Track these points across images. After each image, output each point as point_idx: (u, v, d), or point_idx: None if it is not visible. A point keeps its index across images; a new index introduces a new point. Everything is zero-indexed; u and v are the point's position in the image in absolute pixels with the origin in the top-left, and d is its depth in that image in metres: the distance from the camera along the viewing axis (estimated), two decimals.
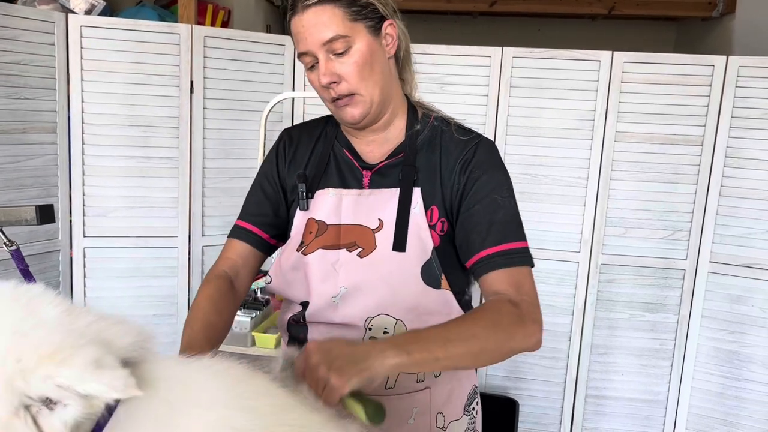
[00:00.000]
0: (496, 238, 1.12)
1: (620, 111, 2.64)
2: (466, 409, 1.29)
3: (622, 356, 2.82)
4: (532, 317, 1.07)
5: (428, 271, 1.15)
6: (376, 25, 1.14)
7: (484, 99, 2.69)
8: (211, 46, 2.58)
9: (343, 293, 1.16)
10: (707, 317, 2.71)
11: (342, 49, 1.11)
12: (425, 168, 1.19)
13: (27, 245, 2.41)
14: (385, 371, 0.92)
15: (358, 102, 1.15)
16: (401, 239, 1.15)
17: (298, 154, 1.27)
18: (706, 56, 2.61)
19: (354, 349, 0.94)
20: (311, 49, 1.11)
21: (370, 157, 1.23)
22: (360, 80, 1.13)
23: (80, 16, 2.52)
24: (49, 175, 2.46)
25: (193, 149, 2.60)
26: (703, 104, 2.61)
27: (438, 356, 0.96)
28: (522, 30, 5.15)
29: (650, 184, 2.68)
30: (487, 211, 1.14)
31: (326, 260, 1.17)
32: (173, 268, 2.65)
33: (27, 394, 0.64)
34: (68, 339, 0.68)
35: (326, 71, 1.12)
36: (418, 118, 1.24)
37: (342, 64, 1.12)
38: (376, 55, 1.14)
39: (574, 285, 2.77)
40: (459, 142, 1.20)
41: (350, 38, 1.10)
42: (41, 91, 2.40)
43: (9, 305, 0.70)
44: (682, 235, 2.70)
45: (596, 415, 2.87)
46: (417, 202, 1.16)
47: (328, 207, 1.20)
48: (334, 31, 1.09)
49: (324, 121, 1.31)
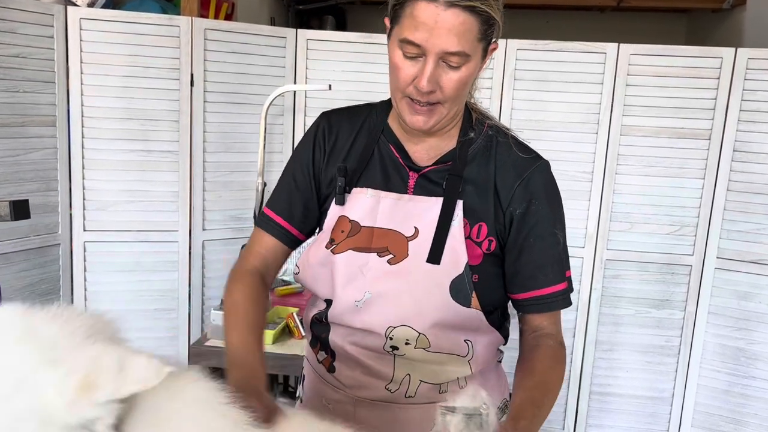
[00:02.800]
0: (555, 277, 1.15)
1: (626, 104, 2.59)
2: None
3: (627, 353, 2.78)
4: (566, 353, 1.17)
5: (458, 286, 1.10)
6: (488, 47, 1.07)
7: (487, 92, 2.65)
8: (212, 38, 2.56)
9: (367, 299, 1.11)
10: (714, 314, 2.67)
11: (456, 65, 1.02)
12: (476, 180, 1.13)
13: (28, 239, 2.41)
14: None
15: (435, 113, 1.07)
16: (437, 252, 1.10)
17: (338, 143, 1.19)
18: (714, 48, 2.56)
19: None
20: (428, 49, 1.00)
21: (419, 159, 1.16)
22: (455, 97, 1.06)
23: (80, 9, 2.50)
24: (48, 168, 2.45)
25: (193, 143, 2.58)
26: (711, 97, 2.56)
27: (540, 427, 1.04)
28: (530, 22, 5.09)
29: (656, 179, 2.63)
30: (549, 247, 1.14)
31: (355, 263, 1.12)
32: (174, 262, 2.63)
33: (71, 424, 0.66)
34: (85, 354, 0.69)
35: (432, 78, 1.02)
36: (472, 124, 1.17)
37: (447, 76, 1.03)
38: (471, 79, 1.08)
39: (579, 281, 2.73)
40: (518, 160, 1.13)
41: (469, 58, 1.02)
42: (40, 84, 2.38)
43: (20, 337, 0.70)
44: (688, 230, 2.66)
45: (601, 412, 2.84)
46: (458, 214, 1.11)
47: (364, 208, 1.14)
48: (462, 46, 0.99)
49: (367, 110, 1.22)
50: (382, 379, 1.14)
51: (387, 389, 1.14)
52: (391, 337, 1.11)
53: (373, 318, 1.11)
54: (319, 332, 1.20)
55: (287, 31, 2.72)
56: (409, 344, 1.11)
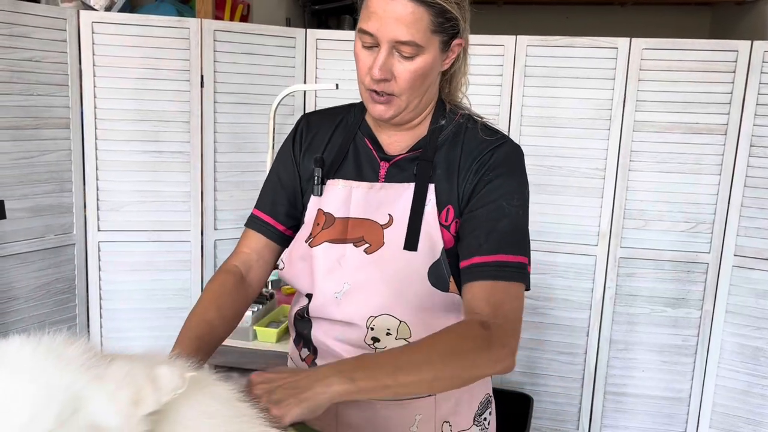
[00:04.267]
0: (492, 246, 1.06)
1: (639, 100, 2.55)
2: (476, 419, 1.23)
3: (642, 352, 2.74)
4: (502, 341, 0.99)
5: (436, 272, 1.10)
6: (449, 41, 1.09)
7: (497, 89, 2.63)
8: (221, 39, 2.58)
9: (346, 290, 1.11)
10: (731, 312, 2.61)
11: (409, 55, 1.05)
12: (444, 165, 1.14)
13: (44, 239, 2.46)
14: (328, 399, 0.89)
15: (393, 104, 1.10)
16: (413, 238, 1.10)
17: (317, 139, 1.23)
18: (730, 41, 2.50)
19: (297, 377, 0.91)
20: (380, 38, 1.04)
21: (391, 149, 1.18)
22: (409, 88, 1.08)
23: (92, 13, 2.54)
24: (62, 170, 2.49)
25: (204, 143, 2.61)
26: (726, 91, 2.50)
27: (387, 384, 0.92)
28: (548, 18, 5.04)
29: (671, 175, 2.59)
30: (490, 216, 1.08)
31: (332, 254, 1.13)
32: (186, 261, 2.67)
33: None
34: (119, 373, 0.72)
35: (383, 66, 1.05)
36: (443, 114, 1.18)
37: (401, 67, 1.06)
38: (433, 69, 1.09)
39: (592, 279, 2.70)
40: (482, 142, 1.14)
41: (422, 48, 1.04)
42: (54, 87, 2.43)
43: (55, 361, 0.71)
44: (704, 227, 2.60)
45: (616, 413, 2.80)
46: (430, 199, 1.11)
47: (338, 199, 1.16)
48: (412, 36, 1.02)
49: (347, 109, 1.27)
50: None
51: None
52: (372, 327, 1.11)
53: (353, 309, 1.11)
54: (302, 329, 1.21)
55: (297, 32, 2.73)
56: (390, 334, 1.11)
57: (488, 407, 1.27)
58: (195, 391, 0.78)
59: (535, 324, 2.76)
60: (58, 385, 0.67)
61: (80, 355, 0.72)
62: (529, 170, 1.18)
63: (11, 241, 2.36)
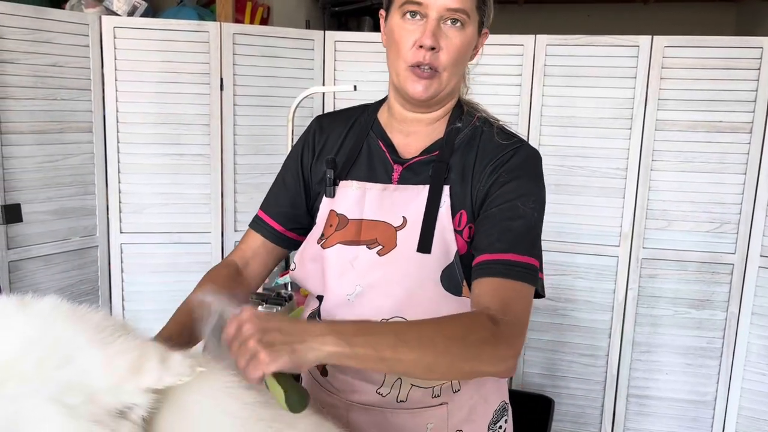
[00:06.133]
0: (504, 245, 1.03)
1: (661, 98, 2.51)
2: (491, 427, 1.21)
3: (666, 354, 2.70)
4: (508, 341, 0.94)
5: (449, 276, 1.08)
6: (481, 26, 1.12)
7: (517, 89, 2.61)
8: (240, 43, 2.60)
9: (358, 292, 1.10)
10: (758, 314, 2.56)
11: (459, 23, 1.07)
12: (458, 168, 1.12)
13: (67, 241, 2.50)
14: (318, 358, 0.82)
15: (435, 81, 1.09)
16: (427, 240, 1.08)
17: (329, 142, 1.22)
18: (754, 38, 2.46)
19: (293, 326, 0.84)
20: (428, 4, 1.05)
21: (405, 152, 1.17)
22: (453, 63, 1.08)
23: (114, 18, 2.58)
24: (86, 173, 2.53)
25: (224, 146, 2.63)
26: (751, 89, 2.46)
27: (384, 356, 0.85)
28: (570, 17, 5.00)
29: (694, 174, 2.54)
30: (504, 216, 1.05)
31: (344, 256, 1.12)
32: (207, 263, 2.68)
33: (115, 406, 0.69)
34: (129, 343, 0.72)
35: (433, 34, 1.05)
36: (461, 116, 1.18)
37: (450, 37, 1.07)
38: (468, 50, 1.11)
39: (614, 280, 2.66)
40: (497, 146, 1.12)
41: (468, 21, 1.07)
42: (77, 91, 2.47)
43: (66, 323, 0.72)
44: (729, 227, 2.56)
45: (639, 416, 2.76)
46: (445, 201, 1.10)
47: (351, 201, 1.15)
48: (463, 3, 1.05)
49: (360, 110, 1.26)
50: (373, 383, 1.12)
51: (378, 393, 1.12)
52: None
53: (365, 311, 1.09)
54: None
55: (315, 34, 2.74)
56: None
57: (504, 415, 1.24)
58: (215, 389, 0.78)
59: (556, 326, 2.74)
60: (55, 335, 0.69)
61: (96, 320, 0.73)
62: (550, 170, 1.16)
63: (36, 244, 2.40)
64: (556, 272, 2.68)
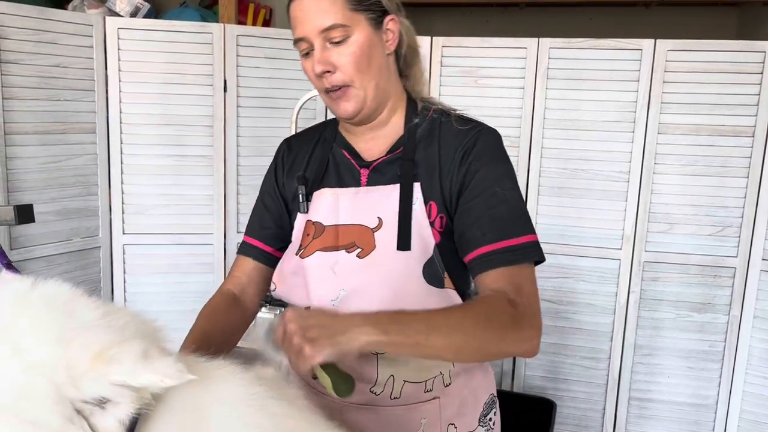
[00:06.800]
0: (497, 234, 1.06)
1: (663, 102, 2.52)
2: (481, 420, 1.24)
3: (667, 358, 2.70)
4: (530, 321, 1.01)
5: (430, 269, 1.10)
6: (378, 18, 1.12)
7: (520, 92, 2.62)
8: (244, 44, 2.60)
9: (342, 296, 1.12)
10: (759, 318, 2.56)
11: (340, 38, 1.08)
12: (424, 162, 1.14)
13: (70, 242, 2.50)
14: (358, 346, 0.90)
15: (351, 96, 1.12)
16: (405, 237, 1.10)
17: (297, 160, 1.26)
18: (757, 42, 2.46)
19: (332, 320, 0.92)
20: (308, 36, 1.09)
21: (368, 155, 1.20)
22: (356, 72, 1.10)
23: (118, 19, 2.58)
24: (89, 174, 2.53)
25: (227, 147, 2.63)
26: (754, 93, 2.46)
27: (417, 342, 0.93)
28: (571, 20, 5.00)
29: (697, 178, 2.55)
30: (488, 205, 1.08)
31: (325, 262, 1.14)
32: (209, 264, 2.69)
33: (81, 399, 0.64)
34: (112, 336, 0.68)
35: (321, 59, 1.09)
36: (417, 112, 1.20)
37: (339, 54, 1.09)
38: (374, 49, 1.11)
39: (616, 283, 2.66)
40: (459, 133, 1.14)
41: (349, 28, 1.08)
42: (81, 92, 2.47)
43: (47, 311, 0.69)
44: (732, 231, 2.56)
45: (640, 419, 2.76)
46: (417, 197, 1.12)
47: (326, 207, 1.17)
48: (333, 18, 1.07)
49: (324, 125, 1.30)
50: (365, 382, 1.13)
51: (372, 392, 1.14)
52: None
53: None
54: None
55: None
56: None
57: (493, 407, 1.27)
58: (238, 400, 0.77)
59: (558, 328, 2.74)
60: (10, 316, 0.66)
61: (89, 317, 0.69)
62: (552, 173, 1.18)
63: (39, 244, 2.40)
64: (558, 275, 2.68)
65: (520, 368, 2.80)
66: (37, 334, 0.66)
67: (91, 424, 0.65)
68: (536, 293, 1.06)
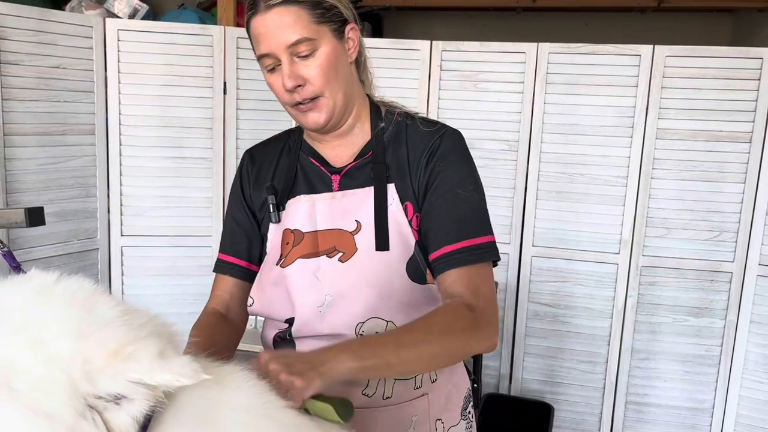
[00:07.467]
0: (457, 234, 1.09)
1: (662, 107, 2.54)
2: (463, 413, 1.27)
3: (665, 362, 2.71)
4: (487, 321, 1.05)
5: (413, 267, 1.13)
6: (340, 28, 1.13)
7: (519, 96, 2.63)
8: (244, 47, 2.60)
9: (329, 302, 1.12)
10: (756, 323, 2.58)
11: (307, 52, 1.08)
12: (395, 164, 1.16)
13: (68, 243, 2.49)
14: (342, 374, 0.91)
15: (322, 106, 1.12)
16: (383, 238, 1.12)
17: (262, 171, 1.25)
18: (754, 49, 2.48)
19: (309, 355, 0.93)
20: (274, 51, 1.08)
21: (337, 161, 1.20)
22: (325, 83, 1.10)
23: (118, 21, 2.58)
24: (87, 175, 2.52)
25: (226, 149, 2.63)
26: (751, 99, 2.48)
27: (390, 362, 0.95)
28: (568, 25, 5.02)
29: (694, 183, 2.57)
30: (449, 206, 1.11)
31: (307, 269, 1.14)
32: (208, 266, 2.66)
33: (95, 395, 0.64)
34: (130, 334, 0.68)
35: (291, 74, 1.08)
36: (381, 116, 1.21)
37: (307, 67, 1.09)
38: (340, 59, 1.12)
39: (614, 287, 2.68)
40: (425, 135, 1.17)
41: (316, 41, 1.08)
42: (80, 93, 2.46)
43: (68, 305, 0.69)
44: (728, 236, 2.58)
45: (638, 422, 2.77)
46: (393, 198, 1.14)
47: (302, 214, 1.17)
48: (299, 33, 1.06)
49: (286, 134, 1.29)
50: (357, 386, 1.13)
51: (364, 394, 1.14)
52: (361, 333, 1.11)
53: (339, 319, 1.12)
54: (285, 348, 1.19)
55: None
56: None
57: (470, 400, 1.31)
58: (252, 407, 0.77)
59: (556, 332, 2.75)
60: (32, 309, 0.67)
61: (108, 314, 0.69)
62: (551, 177, 1.19)
63: (37, 246, 2.39)
64: (556, 279, 2.69)
65: (518, 372, 2.81)
66: (56, 327, 0.66)
67: (105, 420, 0.65)
68: (492, 292, 1.10)
